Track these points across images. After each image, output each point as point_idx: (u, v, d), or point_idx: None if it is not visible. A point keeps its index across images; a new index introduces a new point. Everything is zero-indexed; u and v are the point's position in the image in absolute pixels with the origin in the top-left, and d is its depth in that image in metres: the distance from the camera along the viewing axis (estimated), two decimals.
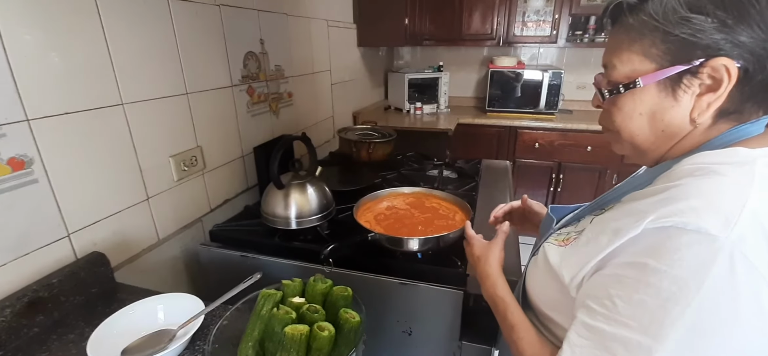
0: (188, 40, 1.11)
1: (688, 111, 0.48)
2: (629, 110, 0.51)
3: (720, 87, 0.44)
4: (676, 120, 0.49)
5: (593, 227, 0.53)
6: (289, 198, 1.07)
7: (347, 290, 0.70)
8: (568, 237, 0.58)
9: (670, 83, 0.47)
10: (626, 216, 0.47)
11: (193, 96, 1.15)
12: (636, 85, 0.49)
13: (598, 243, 0.49)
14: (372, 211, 1.10)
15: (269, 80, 1.52)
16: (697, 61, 0.44)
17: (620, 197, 0.55)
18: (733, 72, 0.43)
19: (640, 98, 0.50)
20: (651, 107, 0.50)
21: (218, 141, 1.28)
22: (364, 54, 2.59)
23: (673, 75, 0.46)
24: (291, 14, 1.63)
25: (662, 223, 0.43)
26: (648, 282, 0.42)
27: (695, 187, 0.44)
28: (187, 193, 1.17)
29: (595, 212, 0.58)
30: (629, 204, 0.50)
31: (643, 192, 0.50)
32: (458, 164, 1.66)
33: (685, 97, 0.47)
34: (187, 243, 1.19)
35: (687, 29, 0.44)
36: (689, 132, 0.49)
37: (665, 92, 0.48)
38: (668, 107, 0.48)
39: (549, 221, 0.69)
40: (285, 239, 1.08)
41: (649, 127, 0.51)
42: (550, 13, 2.64)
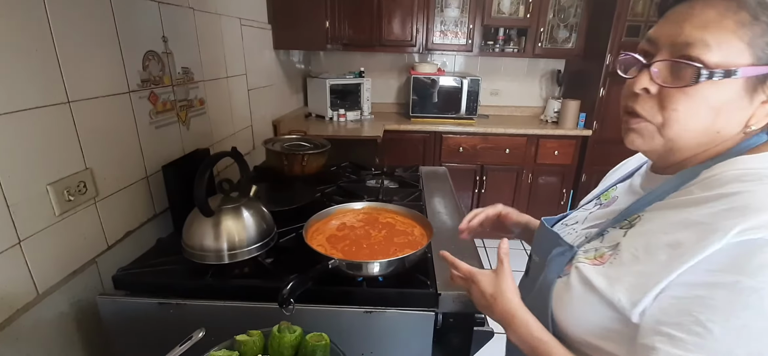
0: (69, 35, 0.86)
1: (747, 117, 0.45)
2: (699, 99, 0.44)
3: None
4: (734, 122, 0.45)
5: (632, 242, 0.49)
6: (220, 227, 0.89)
7: (323, 337, 0.57)
8: (600, 254, 0.52)
9: (757, 83, 0.43)
10: (681, 229, 0.43)
11: (77, 105, 0.89)
12: (734, 75, 0.42)
13: (656, 261, 0.44)
14: (323, 232, 0.97)
15: (176, 85, 1.28)
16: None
17: (643, 207, 0.52)
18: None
19: (718, 90, 0.44)
20: (724, 103, 0.44)
21: (115, 161, 1.02)
22: (280, 57, 2.40)
23: (762, 75, 0.43)
24: (198, 9, 1.40)
25: (748, 236, 0.39)
26: (747, 304, 0.38)
27: (762, 194, 0.41)
28: (74, 229, 0.90)
29: (621, 225, 0.53)
30: (669, 215, 0.46)
31: (677, 202, 0.47)
32: (397, 172, 1.61)
33: (757, 100, 0.44)
34: (80, 294, 0.91)
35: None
36: (728, 139, 0.47)
37: (745, 91, 0.44)
38: (739, 108, 0.44)
39: (548, 236, 0.64)
40: (219, 277, 0.89)
41: (708, 124, 0.46)
42: (464, 23, 2.78)
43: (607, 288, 0.48)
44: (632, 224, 0.51)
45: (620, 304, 0.46)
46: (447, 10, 2.76)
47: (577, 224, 0.65)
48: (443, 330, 0.88)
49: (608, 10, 2.41)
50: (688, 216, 0.44)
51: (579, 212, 0.69)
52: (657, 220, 0.48)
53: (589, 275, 0.51)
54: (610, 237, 0.54)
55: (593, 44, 2.63)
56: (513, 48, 2.87)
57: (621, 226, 0.53)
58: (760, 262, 0.38)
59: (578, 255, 0.56)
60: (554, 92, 3.15)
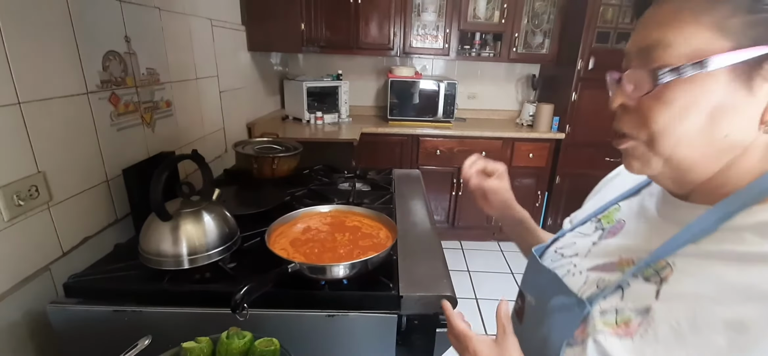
0: (19, 34, 0.82)
1: (760, 112, 0.36)
2: (683, 105, 0.38)
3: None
4: (743, 123, 0.37)
5: (672, 309, 0.38)
6: (178, 231, 0.86)
7: (273, 342, 0.56)
8: (625, 320, 0.41)
9: (748, 69, 0.35)
10: (743, 300, 0.34)
11: (29, 106, 0.86)
12: (704, 66, 0.36)
13: (712, 346, 0.35)
14: (287, 236, 0.96)
15: (140, 87, 1.25)
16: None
17: (673, 250, 0.41)
18: None
19: (703, 88, 0.37)
20: (716, 103, 0.37)
21: (71, 164, 0.99)
22: (256, 59, 2.38)
23: (754, 58, 0.34)
24: (165, 9, 1.37)
25: None
26: None
27: None
28: (25, 235, 0.87)
29: (645, 275, 0.42)
30: (724, 272, 0.36)
31: (727, 251, 0.37)
32: (370, 175, 1.60)
33: (764, 88, 0.35)
34: (31, 303, 0.87)
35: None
36: (749, 148, 0.38)
37: (739, 82, 0.35)
38: (739, 103, 0.36)
39: (542, 273, 0.53)
40: (176, 283, 0.86)
41: (706, 131, 0.38)
42: (441, 27, 2.80)
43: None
44: (663, 277, 0.40)
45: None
46: (424, 15, 2.78)
47: (577, 257, 0.53)
48: (407, 332, 0.88)
49: (579, 17, 2.47)
50: (751, 280, 0.34)
51: (577, 239, 0.57)
52: (702, 277, 0.37)
53: (615, 351, 0.41)
54: (634, 294, 0.42)
55: (566, 50, 2.69)
56: (489, 52, 2.91)
57: (646, 277, 0.42)
58: None
59: (594, 318, 0.44)
60: (530, 95, 3.21)
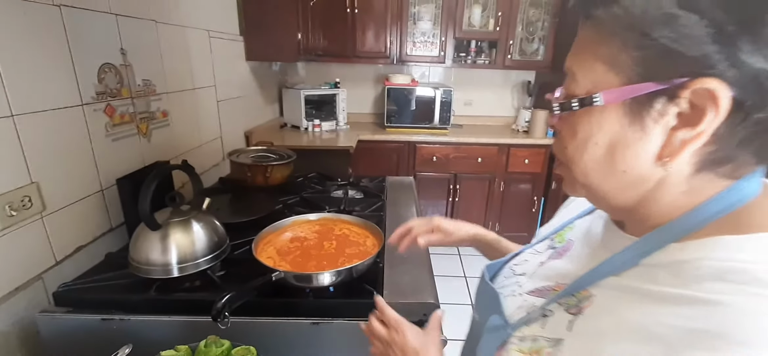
0: (12, 48, 0.85)
1: (657, 149, 0.35)
2: (584, 135, 0.38)
3: (701, 121, 0.32)
4: (641, 159, 0.36)
5: (577, 344, 0.38)
6: (167, 240, 0.88)
7: (250, 351, 0.57)
8: (537, 349, 0.41)
9: (638, 106, 0.34)
10: (634, 340, 0.33)
11: (21, 119, 0.88)
12: (593, 103, 0.36)
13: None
14: (274, 244, 0.97)
15: (135, 97, 1.28)
16: (677, 79, 0.32)
17: (595, 280, 0.41)
18: (722, 102, 0.31)
19: (599, 122, 0.37)
20: (611, 137, 0.36)
21: (64, 174, 1.01)
22: (254, 69, 2.41)
23: (643, 95, 0.34)
24: (161, 22, 1.40)
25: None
26: None
27: (743, 315, 0.29)
28: (17, 244, 0.88)
29: (567, 304, 0.42)
30: (624, 308, 0.36)
31: (637, 288, 0.36)
32: (363, 182, 1.62)
33: (656, 128, 0.34)
34: (21, 312, 0.89)
35: (670, 32, 0.31)
36: (662, 182, 0.36)
37: (630, 118, 0.35)
38: (633, 140, 0.35)
39: (488, 293, 0.54)
40: (164, 291, 0.88)
41: (607, 163, 0.38)
42: (437, 35, 2.83)
43: None
44: (581, 309, 0.40)
45: None
46: (420, 23, 2.81)
47: (524, 277, 0.54)
48: None
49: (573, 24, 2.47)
50: (646, 321, 0.33)
51: (530, 256, 0.57)
52: (610, 313, 0.37)
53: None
54: (553, 323, 0.42)
55: (561, 56, 2.70)
56: (484, 60, 2.93)
57: (567, 307, 0.42)
58: None
59: (511, 341, 0.45)
60: (525, 102, 3.22)
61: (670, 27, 0.31)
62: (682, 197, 0.36)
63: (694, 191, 0.36)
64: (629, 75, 0.34)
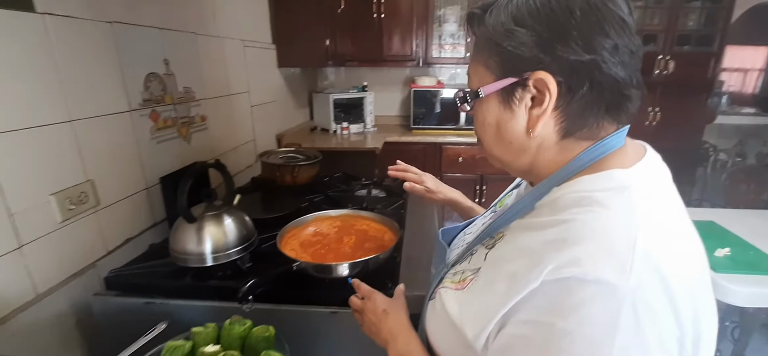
0: (72, 61, 0.96)
1: (524, 124, 0.48)
2: (481, 119, 0.52)
3: (544, 101, 0.45)
4: (516, 133, 0.49)
5: (488, 267, 0.49)
6: (202, 232, 0.97)
7: (269, 329, 0.63)
8: (464, 278, 0.52)
9: (506, 95, 0.48)
10: (519, 256, 0.44)
11: (79, 124, 1.00)
12: (479, 95, 0.49)
13: (496, 291, 0.44)
14: (297, 238, 1.03)
15: (177, 103, 1.39)
16: (525, 74, 0.45)
17: (507, 222, 0.52)
18: (551, 86, 0.44)
19: (486, 108, 0.50)
20: (495, 118, 0.50)
21: (115, 173, 1.12)
22: (286, 75, 2.52)
23: (507, 86, 0.47)
24: (200, 33, 1.52)
25: (561, 274, 0.39)
26: (560, 346, 0.38)
27: (584, 224, 0.41)
28: (75, 235, 1.00)
29: (486, 243, 0.53)
30: (519, 238, 0.47)
31: (529, 223, 0.48)
32: (386, 182, 1.66)
33: (520, 109, 0.47)
34: (77, 295, 1.00)
35: (512, 42, 0.45)
36: (540, 147, 0.49)
37: (504, 104, 0.48)
38: (508, 119, 0.49)
39: (441, 250, 0.65)
40: (198, 279, 0.96)
41: (498, 138, 0.51)
42: (462, 36, 2.84)
43: (457, 317, 0.49)
44: (495, 244, 0.51)
45: (465, 336, 0.46)
46: (445, 25, 2.83)
47: (470, 236, 0.65)
48: None
49: None
50: (529, 242, 0.44)
51: (479, 220, 0.69)
52: (510, 243, 0.48)
53: (447, 301, 0.52)
54: (476, 258, 0.53)
55: None
56: None
57: (486, 244, 0.53)
58: (570, 303, 0.38)
59: (446, 277, 0.56)
60: None
61: (510, 38, 0.45)
62: (558, 156, 0.49)
63: (564, 151, 0.48)
64: (497, 73, 0.48)
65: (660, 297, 0.38)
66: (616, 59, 0.43)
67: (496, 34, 0.46)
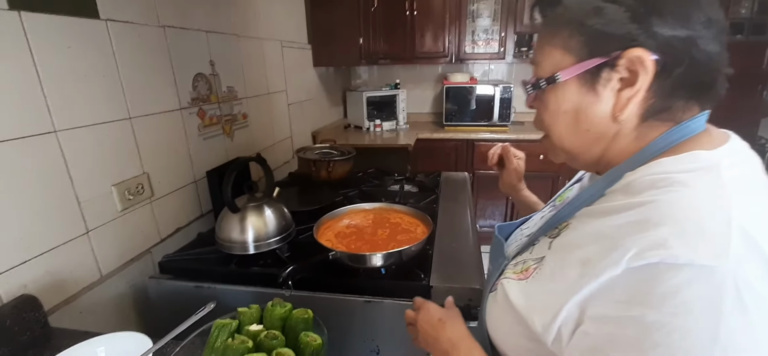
0: (130, 62, 1.05)
1: (610, 108, 0.45)
2: (554, 108, 0.48)
3: (637, 81, 0.42)
4: (599, 118, 0.46)
5: (554, 255, 0.47)
6: (245, 222, 1.03)
7: (308, 312, 0.67)
8: (526, 267, 0.50)
9: (590, 77, 0.44)
10: (591, 242, 0.42)
11: (137, 121, 1.09)
12: (556, 80, 0.46)
13: (567, 279, 0.42)
14: (333, 229, 1.08)
15: (222, 102, 1.48)
16: (614, 53, 0.42)
17: (573, 212, 0.49)
18: (648, 65, 0.41)
19: (563, 94, 0.47)
20: (574, 104, 0.47)
21: (167, 167, 1.21)
22: (321, 74, 2.59)
23: (592, 68, 0.44)
24: (242, 35, 1.60)
25: (647, 260, 0.35)
26: (654, 341, 0.34)
27: (668, 205, 0.38)
28: (133, 224, 1.09)
29: (550, 234, 0.51)
30: (589, 224, 0.45)
31: (599, 209, 0.45)
32: (419, 178, 1.68)
33: (606, 92, 0.44)
34: (135, 278, 1.10)
35: (600, 19, 0.42)
36: (617, 133, 0.46)
37: (586, 87, 0.45)
38: (590, 103, 0.46)
39: (498, 245, 0.63)
40: (242, 265, 1.03)
41: (574, 126, 0.48)
42: (496, 31, 2.79)
43: (523, 307, 0.47)
44: (560, 233, 0.49)
45: (534, 326, 0.44)
46: (478, 20, 2.80)
47: (527, 230, 0.64)
48: None
49: None
50: (601, 227, 0.42)
51: (536, 216, 0.67)
52: (579, 230, 0.46)
53: (511, 292, 0.49)
54: (539, 247, 0.51)
55: None
56: None
57: (550, 234, 0.51)
58: (662, 291, 0.34)
59: (508, 268, 0.54)
60: None
61: (599, 15, 0.42)
62: (634, 142, 0.46)
63: (641, 135, 0.46)
64: (579, 55, 0.45)
65: (766, 280, 0.33)
66: (710, 34, 0.40)
67: (580, 13, 0.44)
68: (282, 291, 0.85)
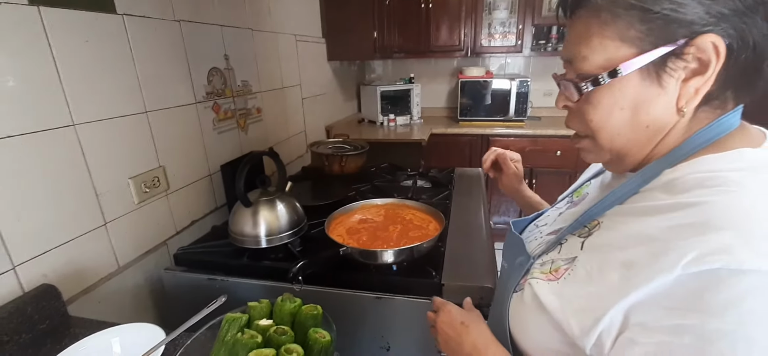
0: (146, 57, 1.06)
1: (674, 100, 0.41)
2: (608, 105, 0.44)
3: (708, 69, 0.39)
4: (661, 111, 0.42)
5: (589, 256, 0.44)
6: (257, 216, 1.03)
7: (317, 308, 0.67)
8: (556, 268, 0.48)
9: (654, 68, 0.41)
10: (634, 243, 0.40)
11: (152, 114, 1.10)
12: (617, 75, 0.42)
13: (608, 282, 0.40)
14: (344, 225, 1.07)
15: (236, 96, 1.49)
16: (682, 40, 0.39)
17: (603, 210, 0.47)
18: (721, 50, 0.38)
19: (621, 90, 0.43)
20: (634, 99, 0.43)
21: (182, 160, 1.23)
22: (335, 68, 2.59)
23: (657, 59, 0.40)
24: (256, 29, 1.60)
25: (708, 264, 0.33)
26: (718, 351, 0.32)
27: (726, 206, 0.36)
28: (149, 216, 1.11)
29: (579, 232, 0.49)
30: (627, 224, 0.42)
31: (638, 208, 0.43)
32: (432, 173, 1.66)
33: (671, 82, 0.41)
34: (151, 269, 1.12)
35: (668, 4, 0.38)
36: (674, 127, 0.43)
37: (649, 80, 0.41)
38: (654, 97, 0.42)
39: (515, 242, 0.60)
40: (254, 259, 1.03)
41: (632, 123, 0.44)
42: (514, 24, 2.73)
43: (558, 310, 0.44)
44: (591, 232, 0.47)
45: (571, 331, 0.42)
46: (495, 13, 2.74)
47: (545, 226, 0.61)
48: None
49: None
50: (645, 228, 0.40)
51: (552, 211, 0.65)
52: (616, 230, 0.44)
53: (541, 292, 0.47)
54: (568, 247, 0.49)
55: None
56: None
57: (579, 233, 0.48)
58: (725, 298, 0.32)
59: (534, 268, 0.52)
60: None
61: (667, 0, 0.38)
62: (682, 135, 0.44)
63: (690, 127, 0.43)
64: (641, 45, 0.41)
65: None
66: (761, 15, 0.38)
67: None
68: (292, 286, 0.85)
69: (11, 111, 0.76)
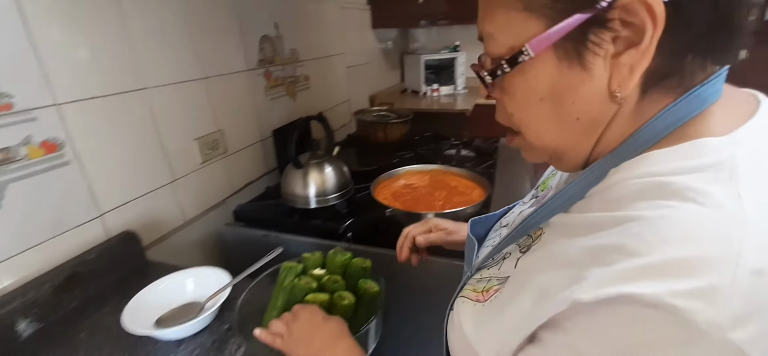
0: (203, 24, 1.13)
1: (605, 83, 0.31)
2: (524, 95, 0.35)
3: (643, 37, 0.28)
4: (591, 100, 0.32)
5: (517, 277, 0.37)
6: (307, 178, 1.09)
7: (366, 261, 0.71)
8: (488, 287, 0.40)
9: (573, 45, 0.31)
10: (554, 266, 0.33)
11: (211, 81, 1.17)
12: (521, 57, 0.32)
13: (518, 310, 0.34)
14: (389, 189, 1.11)
15: (285, 64, 1.54)
16: (603, 2, 0.28)
17: (549, 215, 0.38)
18: (658, 10, 0.27)
19: (535, 77, 0.33)
20: (552, 87, 0.33)
21: (237, 125, 1.31)
22: (379, 36, 2.57)
23: (573, 31, 0.30)
24: None
25: (611, 296, 0.26)
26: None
27: (653, 226, 0.27)
28: (211, 175, 1.21)
29: (522, 243, 0.40)
30: (556, 240, 0.35)
31: (573, 220, 0.35)
32: (476, 143, 1.65)
33: (597, 61, 0.30)
34: (213, 224, 1.22)
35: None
36: (615, 116, 0.33)
37: (568, 60, 0.31)
38: (577, 83, 0.32)
39: (471, 247, 0.53)
40: (305, 218, 1.10)
41: (558, 116, 0.34)
42: None
43: (473, 337, 0.38)
44: (531, 246, 0.39)
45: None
46: None
47: (506, 228, 0.53)
48: None
49: None
50: (569, 249, 0.32)
51: (517, 208, 0.56)
52: (548, 245, 0.36)
53: (463, 316, 0.41)
54: (507, 263, 0.41)
55: None
56: None
57: (521, 245, 0.40)
58: (626, 343, 0.26)
59: (469, 283, 0.44)
60: None
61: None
62: (631, 123, 0.33)
63: (640, 113, 0.32)
64: (551, 15, 0.31)
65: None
66: None
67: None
68: (341, 244, 0.90)
69: (95, 75, 0.85)
